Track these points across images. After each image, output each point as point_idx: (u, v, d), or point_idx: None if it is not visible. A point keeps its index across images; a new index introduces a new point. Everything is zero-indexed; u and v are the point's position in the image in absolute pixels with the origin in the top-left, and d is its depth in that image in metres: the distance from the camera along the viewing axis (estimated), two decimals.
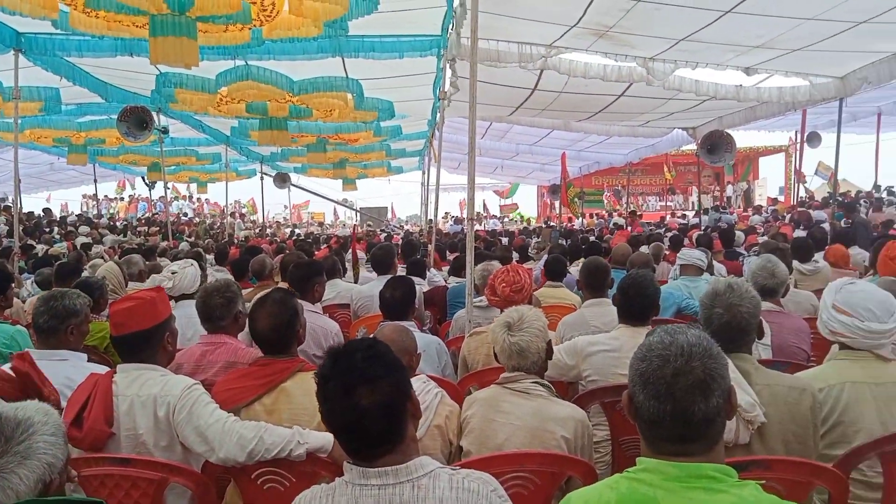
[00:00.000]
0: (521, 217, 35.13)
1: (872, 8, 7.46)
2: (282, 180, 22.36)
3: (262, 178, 21.28)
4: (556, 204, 19.24)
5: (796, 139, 20.51)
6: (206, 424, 2.49)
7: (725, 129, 14.96)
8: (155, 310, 2.71)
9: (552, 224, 18.29)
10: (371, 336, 2.86)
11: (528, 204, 38.78)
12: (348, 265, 7.90)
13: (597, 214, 27.81)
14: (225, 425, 2.49)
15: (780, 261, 4.05)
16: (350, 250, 8.30)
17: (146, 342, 2.68)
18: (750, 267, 4.15)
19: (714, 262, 7.21)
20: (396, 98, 11.39)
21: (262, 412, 2.74)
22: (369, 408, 1.64)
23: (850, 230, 9.78)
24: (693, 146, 17.21)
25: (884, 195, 22.60)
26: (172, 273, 4.53)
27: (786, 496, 2.29)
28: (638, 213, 26.59)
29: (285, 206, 32.63)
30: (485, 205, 29.84)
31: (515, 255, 10.00)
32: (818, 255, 6.71)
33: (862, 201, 20.63)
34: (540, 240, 10.12)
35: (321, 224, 34.66)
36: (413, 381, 2.83)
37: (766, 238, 9.89)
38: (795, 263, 6.31)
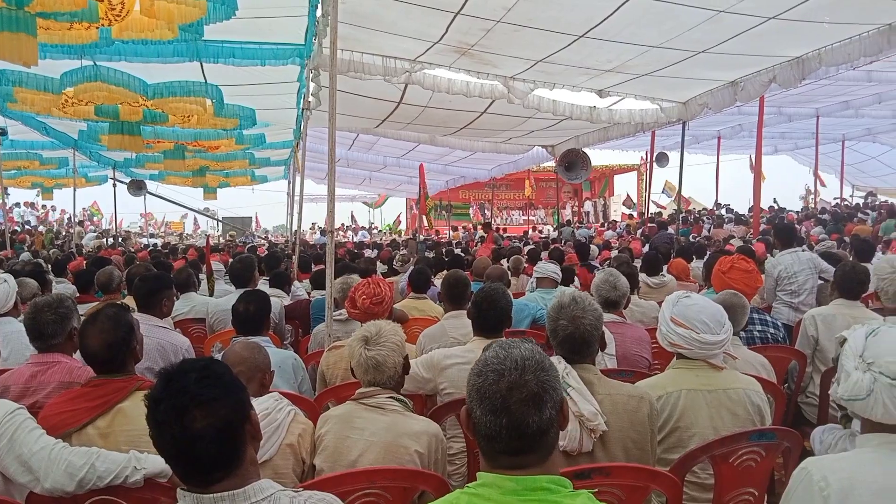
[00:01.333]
0: (391, 229, 35.25)
1: (709, 39, 8.05)
2: (137, 188, 21.21)
3: (114, 185, 20.10)
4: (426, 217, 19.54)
5: (647, 158, 21.82)
6: (31, 452, 2.28)
7: (582, 148, 15.71)
8: None
9: (419, 236, 18.39)
10: (209, 356, 2.73)
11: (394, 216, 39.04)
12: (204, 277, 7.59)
13: (464, 227, 28.35)
14: (52, 452, 2.29)
15: (620, 274, 4.25)
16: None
17: None
18: (594, 281, 4.32)
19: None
20: (259, 106, 11.09)
21: (97, 436, 2.55)
22: (203, 432, 1.55)
23: (692, 245, 10.49)
24: (552, 163, 17.91)
25: (723, 212, 24.47)
26: None
27: (626, 500, 2.40)
28: (493, 225, 27.37)
29: (141, 215, 31.02)
30: (353, 216, 29.64)
31: (383, 268, 10.02)
32: (666, 269, 7.15)
33: (704, 218, 22.22)
34: (405, 252, 10.12)
35: (181, 235, 33.18)
36: (264, 398, 2.74)
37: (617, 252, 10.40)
38: (643, 276, 6.65)
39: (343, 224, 35.93)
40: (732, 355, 3.07)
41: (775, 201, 24.56)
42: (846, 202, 23.70)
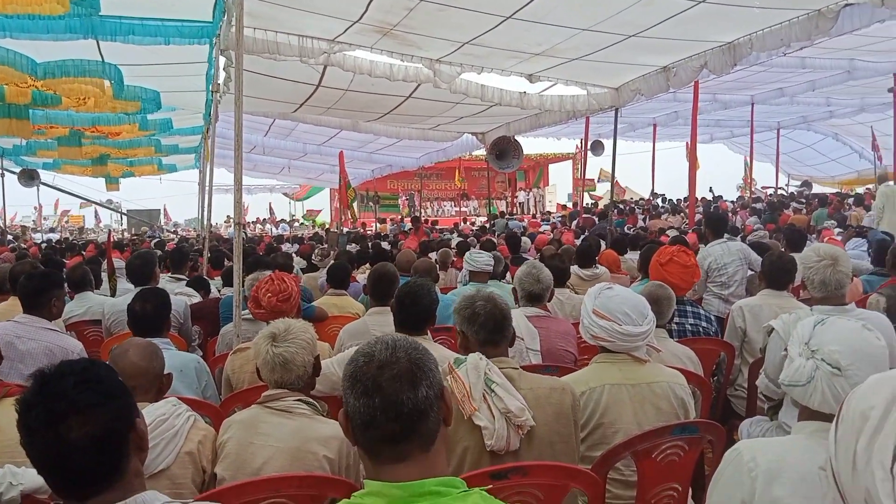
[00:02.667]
0: (315, 223, 34.89)
1: (640, 23, 8.24)
2: (28, 178, 20.37)
3: (2, 175, 19.28)
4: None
5: (582, 147, 22.19)
6: None
7: (513, 136, 15.88)
8: None
9: (341, 229, 18.26)
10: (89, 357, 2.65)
11: (322, 207, 38.76)
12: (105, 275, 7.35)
13: (392, 219, 28.26)
14: None
15: (543, 266, 4.33)
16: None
17: None
18: (517, 274, 4.39)
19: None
20: (164, 88, 10.76)
21: None
22: (79, 441, 1.49)
23: (625, 236, 10.75)
24: (483, 151, 18.03)
25: (659, 202, 25.13)
26: None
27: (544, 499, 2.45)
28: (423, 218, 27.42)
29: (35, 208, 29.83)
30: (270, 208, 29.20)
31: (302, 263, 9.91)
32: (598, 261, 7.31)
33: (640, 208, 22.77)
34: (325, 246, 10.04)
35: (81, 229, 32.05)
36: (160, 404, 2.69)
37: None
38: (575, 269, 6.77)
39: (259, 217, 35.43)
40: (656, 348, 3.18)
41: (711, 190, 25.35)
42: (782, 191, 24.64)
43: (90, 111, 11.62)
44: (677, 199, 24.32)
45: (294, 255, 14.54)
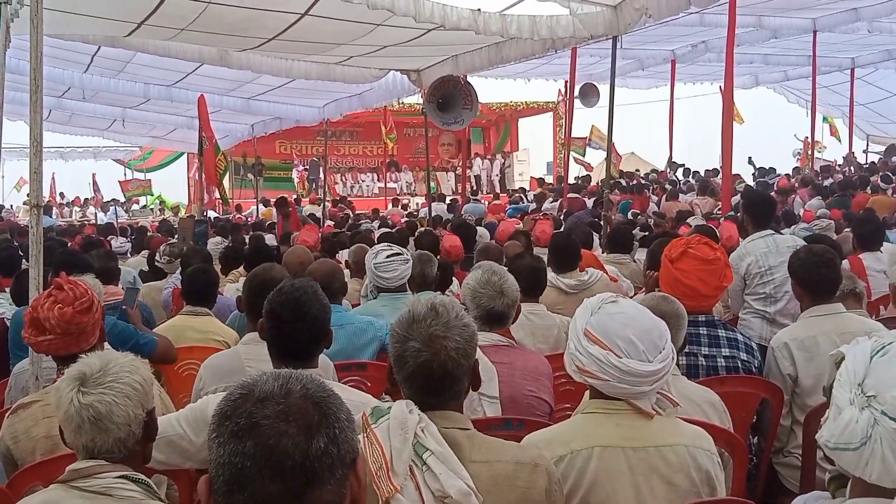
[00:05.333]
0: (164, 203, 34.44)
1: None
2: None
3: None
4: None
5: (566, 94, 22.33)
6: None
7: (463, 76, 15.88)
8: None
9: (203, 214, 18.02)
10: None
11: (179, 182, 38.36)
12: None
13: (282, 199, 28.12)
14: None
15: (506, 272, 4.33)
16: None
17: None
18: (467, 283, 4.38)
19: None
20: None
21: None
22: None
23: (628, 226, 10.87)
24: (419, 98, 17.96)
25: (679, 175, 25.43)
26: None
27: None
28: (347, 201, 27.34)
29: None
30: (94, 182, 28.61)
31: (136, 265, 9.75)
32: None
33: (653, 185, 22.99)
34: (175, 240, 9.89)
35: None
36: None
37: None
38: (551, 276, 6.72)
39: (79, 197, 34.79)
40: (673, 399, 3.16)
41: (751, 161, 25.65)
42: (857, 161, 25.05)
43: None
44: (706, 172, 24.62)
45: (129, 254, 14.46)
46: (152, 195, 35.10)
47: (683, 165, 26.12)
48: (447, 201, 24.97)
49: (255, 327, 4.33)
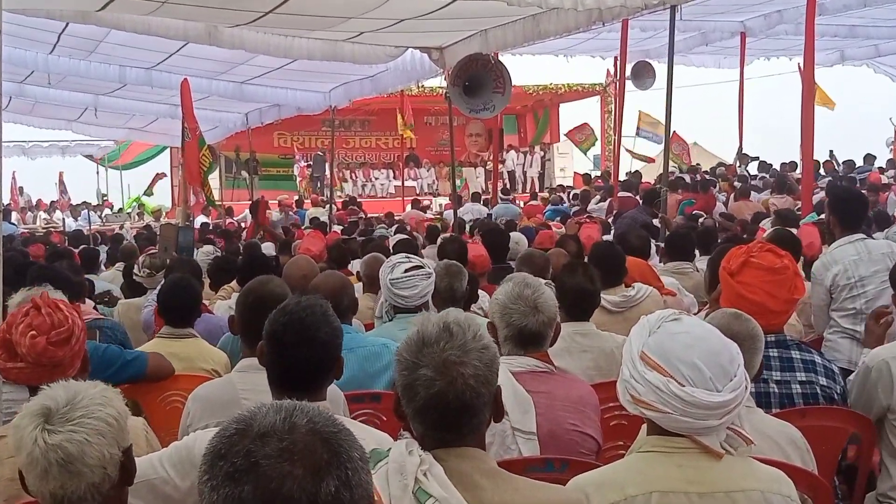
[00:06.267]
0: (143, 206, 34.51)
1: None
2: None
3: None
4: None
5: (616, 74, 22.29)
6: None
7: (493, 54, 15.86)
8: None
9: (189, 220, 18.06)
10: None
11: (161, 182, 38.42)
12: None
13: (282, 202, 28.12)
14: None
15: (542, 285, 4.30)
16: None
17: None
18: (496, 298, 4.34)
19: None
20: None
21: None
22: None
23: (689, 230, 10.77)
24: (442, 81, 17.94)
25: (752, 170, 25.26)
26: None
27: None
28: (357, 202, 27.28)
29: None
30: (61, 182, 28.76)
31: (112, 280, 9.76)
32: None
33: (720, 180, 22.85)
34: (155, 251, 9.88)
35: None
36: None
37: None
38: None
39: (43, 200, 34.91)
40: (746, 436, 3.11)
41: (832, 156, 25.50)
42: None
43: None
44: (782, 166, 24.48)
45: (104, 265, 14.46)
46: (148, 206, 35.09)
47: (757, 158, 25.97)
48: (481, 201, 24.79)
49: (251, 352, 4.31)
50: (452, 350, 2.70)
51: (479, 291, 7.62)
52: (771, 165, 25.29)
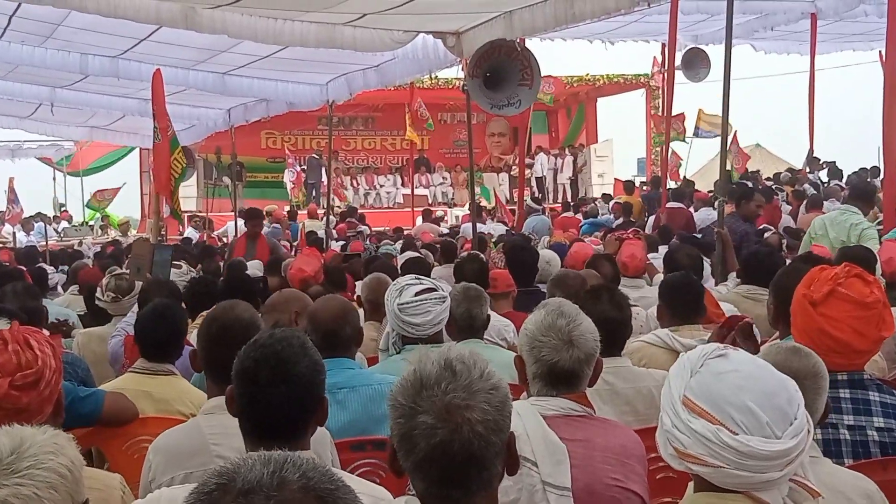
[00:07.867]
0: (108, 218, 34.57)
1: None
2: None
3: None
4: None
5: (663, 62, 22.31)
6: None
7: (519, 39, 15.90)
8: None
9: (162, 234, 18.16)
10: None
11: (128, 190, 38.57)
12: None
13: (271, 214, 28.23)
14: None
15: (580, 312, 4.31)
16: None
17: None
18: (526, 329, 4.34)
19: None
20: None
21: None
22: None
23: (757, 246, 10.76)
24: (458, 72, 17.99)
25: (824, 176, 25.23)
26: None
27: None
28: (359, 213, 27.28)
29: None
30: (11, 189, 28.82)
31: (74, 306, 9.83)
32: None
33: (786, 188, 22.84)
34: (127, 270, 9.94)
35: None
36: None
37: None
38: (665, 333, 6.48)
39: None
40: (812, 488, 3.12)
41: None
42: None
43: None
44: (859, 171, 24.42)
45: (61, 288, 14.53)
46: (114, 218, 35.04)
47: (834, 163, 25.93)
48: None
49: (218, 389, 4.36)
50: (456, 392, 2.67)
51: (502, 318, 7.63)
52: (842, 171, 25.23)
